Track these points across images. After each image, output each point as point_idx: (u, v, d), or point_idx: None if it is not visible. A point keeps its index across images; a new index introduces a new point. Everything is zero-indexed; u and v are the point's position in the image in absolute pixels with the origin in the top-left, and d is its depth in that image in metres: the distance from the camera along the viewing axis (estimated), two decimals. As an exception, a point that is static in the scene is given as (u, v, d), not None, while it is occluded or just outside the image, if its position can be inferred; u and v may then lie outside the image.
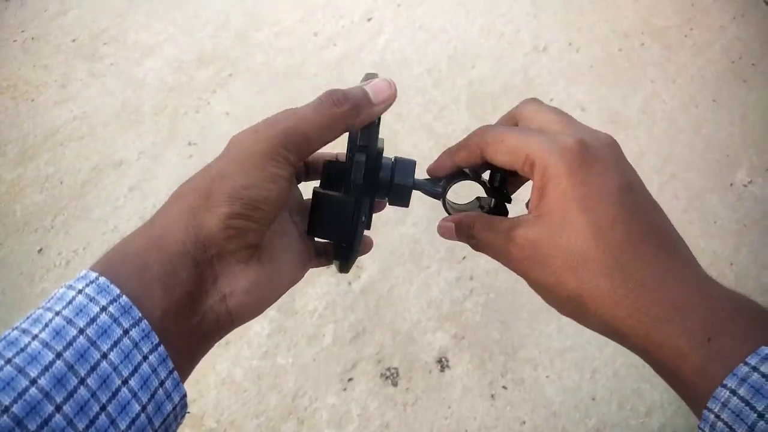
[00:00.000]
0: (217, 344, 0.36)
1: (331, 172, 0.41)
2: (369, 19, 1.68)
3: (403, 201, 0.41)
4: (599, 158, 0.33)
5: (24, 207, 1.31)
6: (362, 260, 1.18)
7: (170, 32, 1.68)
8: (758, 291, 1.17)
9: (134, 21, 1.71)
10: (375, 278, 1.16)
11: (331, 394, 1.04)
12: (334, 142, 0.37)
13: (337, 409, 1.03)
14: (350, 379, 1.06)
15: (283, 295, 0.39)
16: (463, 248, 1.20)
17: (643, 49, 1.59)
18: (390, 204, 0.42)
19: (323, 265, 0.43)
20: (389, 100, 0.39)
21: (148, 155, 1.40)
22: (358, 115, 0.37)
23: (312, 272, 1.19)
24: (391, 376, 1.06)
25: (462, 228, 0.39)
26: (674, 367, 0.30)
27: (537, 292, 0.35)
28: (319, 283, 1.15)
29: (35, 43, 1.65)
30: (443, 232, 0.40)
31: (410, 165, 0.41)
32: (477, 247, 0.38)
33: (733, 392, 0.27)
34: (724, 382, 0.28)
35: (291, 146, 0.34)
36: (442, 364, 1.07)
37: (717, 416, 0.28)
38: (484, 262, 1.18)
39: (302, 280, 0.40)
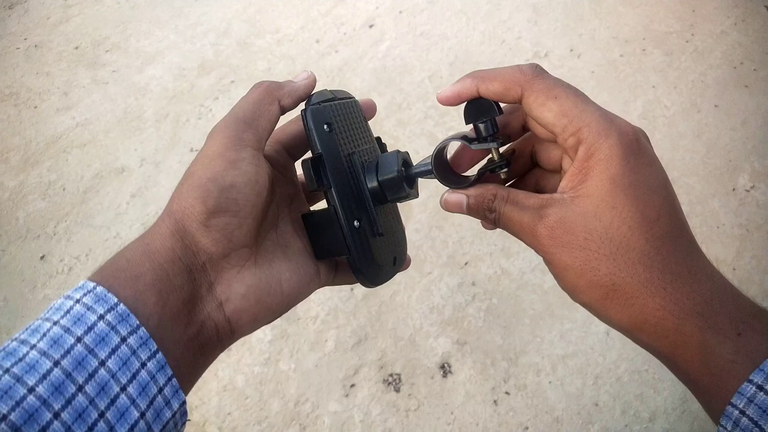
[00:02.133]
0: (218, 350, 0.36)
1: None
2: (371, 26, 1.69)
3: (399, 193, 0.40)
4: (647, 150, 0.33)
5: (26, 214, 1.31)
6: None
7: (172, 40, 1.68)
8: (761, 296, 1.16)
9: (136, 29, 1.72)
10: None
11: (334, 400, 1.04)
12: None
13: (340, 416, 1.03)
14: (352, 385, 1.06)
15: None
16: (465, 253, 1.20)
17: (645, 54, 1.60)
18: (392, 201, 0.41)
19: (347, 283, 0.43)
20: (308, 80, 0.40)
21: (150, 162, 1.40)
22: (281, 88, 0.38)
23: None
24: (394, 382, 1.06)
25: (481, 201, 0.36)
26: (699, 362, 0.30)
27: (557, 275, 0.34)
28: (321, 289, 1.15)
29: (38, 50, 1.66)
30: (450, 206, 0.37)
31: (391, 157, 0.40)
32: (497, 222, 0.36)
33: (761, 387, 0.27)
34: (750, 377, 0.28)
35: (245, 129, 0.36)
36: (445, 369, 1.07)
37: (742, 412, 0.28)
38: (486, 267, 1.18)
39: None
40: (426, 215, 1.24)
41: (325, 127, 0.39)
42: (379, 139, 0.45)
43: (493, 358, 1.08)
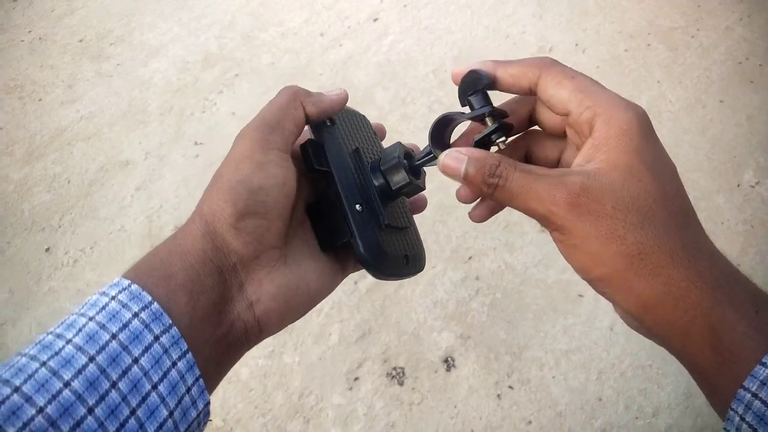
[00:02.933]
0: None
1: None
2: (375, 20, 1.69)
3: (401, 181, 0.39)
4: (654, 131, 0.33)
5: (31, 206, 1.32)
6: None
7: (176, 33, 1.68)
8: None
9: (140, 22, 1.71)
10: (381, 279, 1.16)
11: (337, 393, 1.04)
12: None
13: (343, 409, 1.03)
14: (356, 379, 1.06)
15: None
16: (469, 248, 1.20)
17: (649, 50, 1.59)
18: (399, 193, 0.41)
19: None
20: (339, 96, 0.40)
21: (155, 155, 1.40)
22: (308, 95, 0.39)
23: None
24: (397, 376, 1.06)
25: (482, 166, 0.34)
26: (714, 340, 0.29)
27: (575, 246, 0.32)
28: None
29: (42, 43, 1.66)
30: (447, 168, 0.35)
31: (392, 147, 0.40)
32: (495, 190, 0.33)
33: None
34: (765, 359, 0.28)
35: (272, 132, 0.36)
36: (448, 363, 1.07)
37: (754, 395, 0.28)
38: (490, 262, 1.18)
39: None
40: (430, 210, 1.24)
41: (327, 122, 0.39)
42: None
43: (496, 352, 1.08)
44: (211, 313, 0.32)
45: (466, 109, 0.37)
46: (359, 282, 1.16)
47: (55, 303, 1.17)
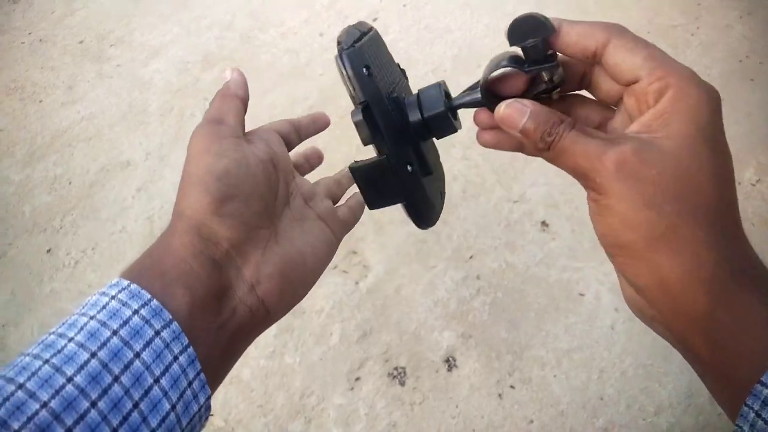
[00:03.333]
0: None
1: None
2: (374, 20, 1.69)
3: (447, 130, 0.38)
4: (721, 114, 0.32)
5: (33, 208, 1.32)
6: (369, 260, 1.18)
7: (176, 33, 1.68)
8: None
9: (140, 22, 1.71)
10: (381, 278, 1.17)
11: (339, 393, 1.05)
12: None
13: (345, 409, 1.03)
14: (357, 379, 1.06)
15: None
16: (470, 247, 1.20)
17: (649, 48, 1.59)
18: (438, 138, 0.39)
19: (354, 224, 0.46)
20: (236, 73, 0.47)
21: (155, 156, 1.40)
22: (228, 87, 0.45)
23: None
24: (399, 376, 1.06)
25: (545, 121, 0.33)
26: (737, 327, 0.29)
27: (607, 207, 0.31)
28: (326, 282, 1.15)
29: (42, 44, 1.66)
30: (507, 118, 0.34)
31: (435, 90, 0.38)
32: (552, 148, 0.33)
33: None
34: None
35: (216, 124, 0.39)
36: (450, 363, 1.07)
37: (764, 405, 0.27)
38: (491, 261, 1.18)
39: None
40: (431, 209, 1.24)
41: (365, 70, 0.37)
42: (398, 65, 0.45)
43: (498, 351, 1.08)
44: (210, 302, 0.33)
45: (515, 51, 0.35)
46: (360, 282, 1.16)
47: (57, 304, 1.17)
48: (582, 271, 1.16)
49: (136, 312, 0.30)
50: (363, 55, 0.37)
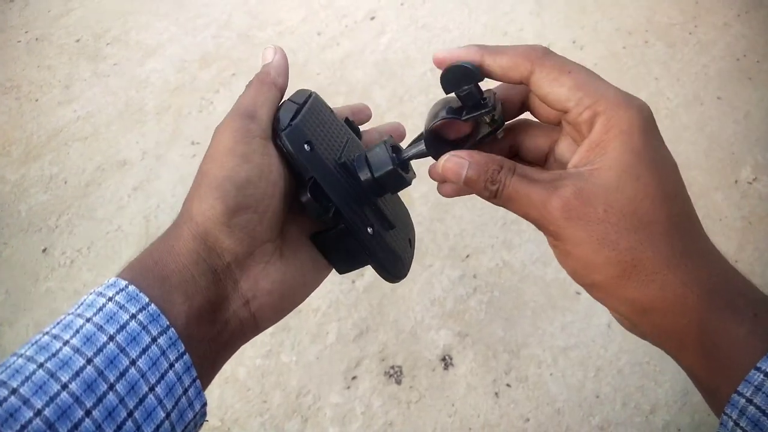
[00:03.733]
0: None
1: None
2: (372, 18, 1.68)
3: (400, 185, 0.39)
4: (657, 128, 0.32)
5: (28, 207, 1.31)
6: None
7: (173, 32, 1.68)
8: (763, 289, 1.16)
9: (137, 21, 1.71)
10: (378, 277, 1.16)
11: (335, 392, 1.04)
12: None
13: (341, 408, 1.03)
14: (354, 378, 1.06)
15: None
16: (466, 246, 1.20)
17: (647, 47, 1.59)
18: (393, 193, 0.40)
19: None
20: (278, 53, 0.40)
21: (152, 155, 1.40)
22: (267, 72, 0.39)
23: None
24: (395, 374, 1.06)
25: (484, 171, 0.33)
26: (711, 343, 0.29)
27: (567, 252, 0.31)
28: (323, 281, 1.15)
29: (39, 43, 1.66)
30: (448, 172, 0.34)
31: (380, 149, 0.39)
32: (497, 195, 0.33)
33: None
34: (759, 364, 0.27)
35: (249, 120, 0.35)
36: (446, 362, 1.07)
37: (749, 400, 0.27)
38: (488, 260, 1.18)
39: None
40: (427, 208, 1.24)
41: (306, 147, 0.37)
42: (347, 120, 0.44)
43: (494, 350, 1.08)
44: (207, 312, 0.32)
45: (452, 98, 0.36)
46: (357, 281, 1.16)
47: (52, 304, 1.17)
48: (579, 270, 1.16)
49: (133, 317, 0.29)
50: (302, 131, 0.37)
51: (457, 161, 0.33)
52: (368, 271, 1.17)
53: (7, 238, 1.27)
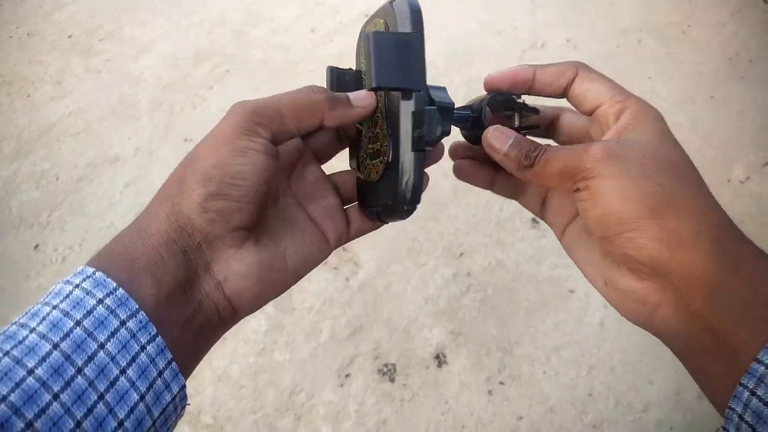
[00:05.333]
0: (213, 340, 0.36)
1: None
2: (366, 16, 1.68)
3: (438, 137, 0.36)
4: None
5: (20, 203, 1.31)
6: (359, 256, 1.18)
7: (166, 29, 1.67)
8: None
9: (130, 17, 1.70)
10: (372, 275, 1.16)
11: (329, 390, 1.04)
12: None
13: (335, 405, 1.03)
14: (347, 375, 1.06)
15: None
16: (460, 244, 1.20)
17: (641, 45, 1.59)
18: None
19: (365, 233, 0.42)
20: (368, 108, 0.38)
21: (144, 151, 1.39)
22: (333, 108, 0.37)
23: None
24: (389, 372, 1.06)
25: (523, 146, 0.36)
26: (746, 288, 0.29)
27: (603, 193, 0.32)
28: (317, 279, 1.15)
29: (31, 39, 1.64)
30: (495, 140, 0.37)
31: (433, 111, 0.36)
32: (533, 161, 0.35)
33: None
34: None
35: (262, 120, 0.34)
36: (440, 360, 1.07)
37: (759, 382, 0.27)
38: (481, 259, 1.18)
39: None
40: (421, 206, 1.24)
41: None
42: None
43: (487, 348, 1.08)
44: (177, 293, 0.32)
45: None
46: (350, 279, 1.16)
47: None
48: (572, 269, 1.16)
49: (100, 301, 0.29)
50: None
51: (505, 132, 0.37)
52: (362, 270, 1.17)
53: (-2, 235, 1.26)
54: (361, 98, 0.38)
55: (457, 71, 1.52)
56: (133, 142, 1.41)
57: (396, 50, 0.35)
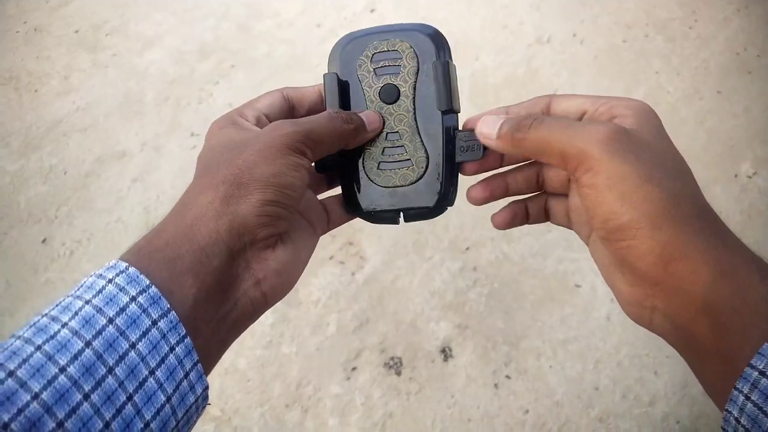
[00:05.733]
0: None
1: None
2: (372, 11, 1.68)
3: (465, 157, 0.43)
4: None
5: (28, 198, 1.31)
6: (365, 251, 1.18)
7: (171, 23, 1.67)
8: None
9: (135, 12, 1.70)
10: (378, 269, 1.17)
11: (335, 383, 1.05)
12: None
13: (341, 398, 1.03)
14: (354, 369, 1.06)
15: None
16: (466, 238, 1.20)
17: (647, 40, 1.59)
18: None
19: (340, 224, 0.46)
20: (377, 130, 0.43)
21: (151, 146, 1.40)
22: (356, 136, 0.41)
23: (315, 263, 1.18)
24: (395, 366, 1.06)
25: (515, 120, 0.36)
26: (738, 299, 0.29)
27: (607, 189, 0.31)
28: (323, 273, 1.15)
29: (38, 34, 1.65)
30: (488, 120, 0.38)
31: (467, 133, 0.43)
32: (534, 132, 0.35)
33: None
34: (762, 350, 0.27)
35: (309, 143, 0.37)
36: (446, 353, 1.08)
37: (752, 388, 0.27)
38: (487, 252, 1.18)
39: (307, 271, 0.42)
40: (427, 200, 1.24)
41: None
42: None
43: (494, 342, 1.08)
44: (217, 292, 0.32)
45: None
46: (357, 273, 1.16)
47: (51, 294, 1.17)
48: (578, 263, 1.16)
49: (133, 299, 0.29)
50: None
51: (492, 117, 0.38)
52: (368, 264, 1.17)
53: (6, 229, 1.26)
54: (374, 122, 0.42)
55: (460, 66, 1.52)
56: (140, 137, 1.41)
57: (451, 78, 0.43)
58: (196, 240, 0.32)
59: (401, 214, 0.43)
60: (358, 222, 0.45)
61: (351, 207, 0.44)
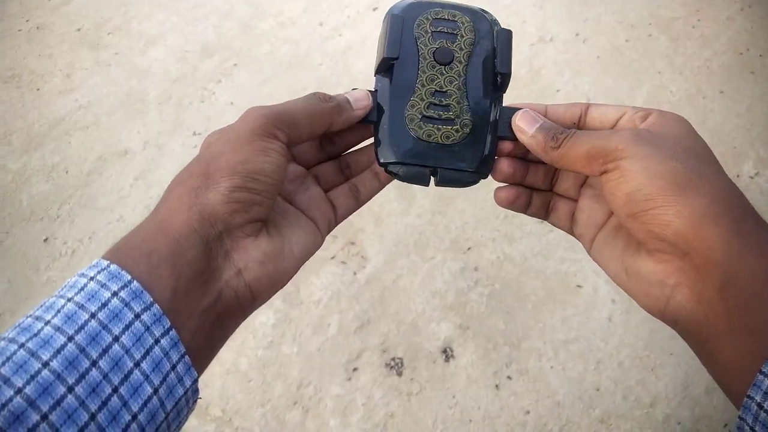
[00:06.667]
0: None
1: None
2: (375, 9, 1.68)
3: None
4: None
5: (30, 196, 1.31)
6: (367, 251, 1.18)
7: (174, 22, 1.67)
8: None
9: (138, 11, 1.70)
10: (380, 269, 1.17)
11: (336, 383, 1.05)
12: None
13: (342, 399, 1.03)
14: (355, 369, 1.06)
15: (288, 285, 0.39)
16: (468, 239, 1.20)
17: (650, 40, 1.59)
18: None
19: (346, 216, 0.45)
20: (366, 108, 0.42)
21: (153, 145, 1.40)
22: (340, 114, 0.40)
23: (317, 263, 1.18)
24: (396, 366, 1.06)
25: (549, 128, 0.38)
26: (763, 270, 0.29)
27: (632, 171, 0.33)
28: (324, 273, 1.15)
29: (40, 32, 1.65)
30: (527, 117, 0.39)
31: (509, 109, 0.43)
32: (566, 144, 0.36)
33: None
34: None
35: (280, 124, 0.37)
36: (447, 354, 1.08)
37: (765, 396, 0.27)
38: (489, 253, 1.18)
39: (308, 271, 0.40)
40: (429, 201, 1.24)
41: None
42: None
43: (495, 342, 1.08)
44: (196, 284, 0.32)
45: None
46: (358, 273, 1.16)
47: (53, 293, 1.17)
48: (580, 263, 1.16)
49: (115, 294, 0.29)
50: None
51: (533, 115, 0.39)
52: (369, 264, 1.17)
53: (8, 228, 1.27)
54: (360, 99, 0.41)
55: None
56: (142, 136, 1.41)
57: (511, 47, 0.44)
58: (169, 233, 0.33)
59: (432, 177, 0.42)
60: (359, 222, 0.45)
61: (385, 155, 0.42)
